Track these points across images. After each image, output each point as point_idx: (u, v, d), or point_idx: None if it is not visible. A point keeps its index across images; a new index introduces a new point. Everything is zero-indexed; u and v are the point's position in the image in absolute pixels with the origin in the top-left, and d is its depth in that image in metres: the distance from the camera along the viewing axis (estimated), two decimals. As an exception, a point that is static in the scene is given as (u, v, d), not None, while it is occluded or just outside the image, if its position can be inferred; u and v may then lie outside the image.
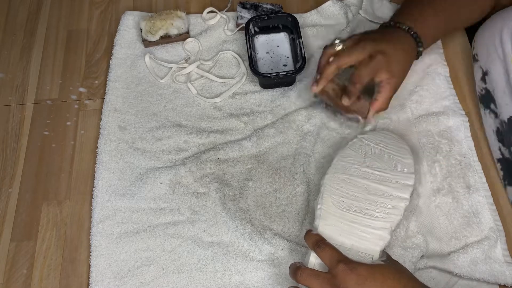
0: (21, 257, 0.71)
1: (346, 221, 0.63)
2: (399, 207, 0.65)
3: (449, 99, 0.80)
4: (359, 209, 0.64)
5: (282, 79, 0.81)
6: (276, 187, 0.74)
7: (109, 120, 0.80)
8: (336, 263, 0.57)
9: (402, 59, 0.71)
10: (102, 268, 0.69)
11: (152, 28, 0.85)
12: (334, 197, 0.65)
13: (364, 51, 0.69)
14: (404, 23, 0.73)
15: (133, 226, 0.72)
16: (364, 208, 0.64)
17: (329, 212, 0.64)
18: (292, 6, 0.93)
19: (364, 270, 0.56)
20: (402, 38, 0.72)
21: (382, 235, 0.63)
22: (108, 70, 0.86)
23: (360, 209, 0.64)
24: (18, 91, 0.85)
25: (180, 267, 0.69)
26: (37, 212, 0.74)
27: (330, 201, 0.65)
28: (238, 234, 0.70)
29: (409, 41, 0.72)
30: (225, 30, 0.89)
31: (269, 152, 0.77)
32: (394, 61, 0.69)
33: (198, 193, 0.74)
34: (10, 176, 0.77)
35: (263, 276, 0.68)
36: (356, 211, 0.64)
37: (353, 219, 0.64)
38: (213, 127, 0.80)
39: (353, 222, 0.63)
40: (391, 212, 0.64)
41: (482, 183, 0.73)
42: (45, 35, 0.91)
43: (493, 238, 0.69)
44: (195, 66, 0.85)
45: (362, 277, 0.56)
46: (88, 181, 0.76)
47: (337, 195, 0.65)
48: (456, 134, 0.77)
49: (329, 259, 0.59)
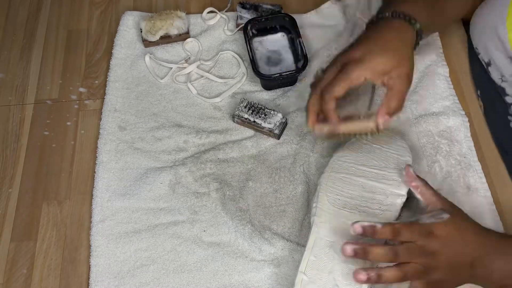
0: (21, 257, 0.71)
1: (341, 218, 0.64)
2: (395, 203, 0.65)
3: (449, 99, 0.80)
4: (354, 207, 0.64)
5: (285, 79, 0.82)
6: (276, 187, 0.74)
7: (109, 120, 0.80)
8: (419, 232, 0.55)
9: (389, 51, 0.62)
10: (102, 268, 0.69)
11: (152, 28, 0.85)
12: (329, 195, 0.65)
13: (335, 64, 0.64)
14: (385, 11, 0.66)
15: (133, 226, 0.72)
16: (359, 205, 0.64)
17: (324, 210, 0.65)
18: (291, 6, 0.93)
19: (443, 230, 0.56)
20: (386, 27, 0.65)
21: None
22: (108, 70, 0.86)
23: (356, 207, 0.64)
24: (18, 91, 0.85)
25: (180, 267, 0.69)
26: (37, 212, 0.74)
27: (325, 199, 0.65)
28: (238, 234, 0.70)
29: (397, 25, 0.64)
30: (225, 30, 0.90)
31: (269, 152, 0.77)
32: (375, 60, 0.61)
33: (198, 193, 0.74)
34: (10, 176, 0.77)
35: (263, 276, 0.68)
36: (351, 208, 0.64)
37: (348, 216, 0.64)
38: (213, 127, 0.80)
39: (348, 219, 0.63)
40: (387, 208, 0.64)
41: (482, 183, 0.73)
42: (45, 35, 0.91)
43: (493, 238, 0.69)
44: (195, 66, 0.85)
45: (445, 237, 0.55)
46: (88, 181, 0.76)
47: (332, 193, 0.66)
48: (456, 134, 0.77)
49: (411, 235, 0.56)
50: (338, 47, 0.86)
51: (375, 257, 0.56)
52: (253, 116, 0.77)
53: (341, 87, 0.62)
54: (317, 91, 0.64)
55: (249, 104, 0.78)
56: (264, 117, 0.77)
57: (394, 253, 0.55)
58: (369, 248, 0.56)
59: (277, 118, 0.77)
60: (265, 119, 0.77)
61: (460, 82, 0.83)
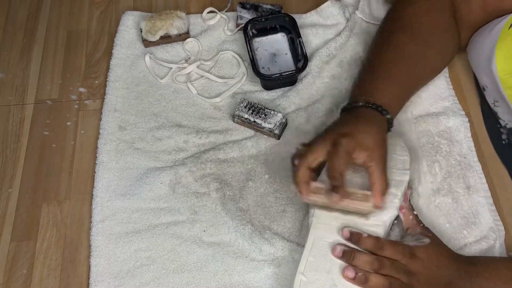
0: (21, 257, 0.71)
1: (339, 219, 0.64)
2: (393, 203, 0.65)
3: (448, 100, 0.80)
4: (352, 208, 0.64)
5: (286, 79, 0.82)
6: (276, 187, 0.74)
7: (109, 120, 0.80)
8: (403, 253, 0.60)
9: (369, 131, 0.65)
10: (102, 268, 0.69)
11: (152, 28, 0.85)
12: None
13: (325, 141, 0.64)
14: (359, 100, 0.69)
15: (133, 226, 0.72)
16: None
17: (322, 211, 0.65)
18: (291, 6, 0.93)
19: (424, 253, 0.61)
20: (361, 113, 0.68)
21: (375, 231, 0.63)
22: (108, 70, 0.86)
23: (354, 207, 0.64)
24: (18, 91, 0.85)
25: (180, 267, 0.69)
26: (37, 212, 0.74)
27: None
28: (238, 234, 0.70)
29: (370, 113, 0.68)
30: (225, 30, 0.90)
31: (269, 152, 0.77)
32: (361, 136, 0.63)
33: (198, 193, 0.74)
34: (10, 176, 0.77)
35: (263, 276, 0.68)
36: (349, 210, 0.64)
37: (346, 217, 0.64)
38: (213, 127, 0.80)
39: (345, 220, 0.64)
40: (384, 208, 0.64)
41: (482, 183, 0.73)
42: (45, 35, 0.91)
43: (492, 238, 0.69)
44: (195, 66, 0.85)
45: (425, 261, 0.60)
46: (88, 181, 0.76)
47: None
48: (456, 135, 0.77)
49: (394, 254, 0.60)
50: (338, 47, 0.86)
51: (360, 263, 0.60)
52: (253, 116, 0.77)
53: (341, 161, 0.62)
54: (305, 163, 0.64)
55: (249, 104, 0.78)
56: (264, 117, 0.77)
57: (379, 264, 0.60)
58: (357, 253, 0.60)
59: (277, 118, 0.77)
60: (265, 119, 0.77)
61: (460, 82, 0.83)
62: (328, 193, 0.62)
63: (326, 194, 0.62)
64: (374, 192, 0.62)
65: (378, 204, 0.62)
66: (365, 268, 0.60)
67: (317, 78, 0.84)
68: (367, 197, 0.63)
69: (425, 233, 0.64)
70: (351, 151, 0.63)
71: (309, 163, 0.64)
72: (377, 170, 0.62)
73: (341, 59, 0.86)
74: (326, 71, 0.84)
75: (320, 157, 0.64)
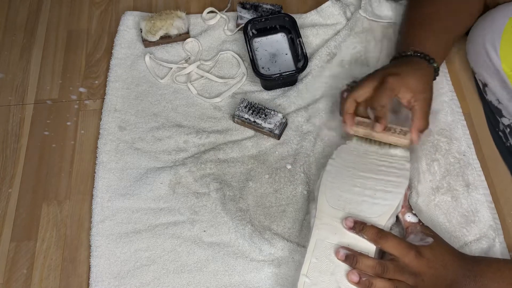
0: (21, 257, 0.71)
1: (341, 220, 0.64)
2: (393, 204, 0.65)
3: (447, 95, 0.81)
4: (353, 208, 0.64)
5: (286, 79, 0.82)
6: (276, 187, 0.74)
7: (109, 120, 0.80)
8: (407, 251, 0.59)
9: (416, 75, 0.69)
10: (102, 268, 0.69)
11: (152, 28, 0.85)
12: (328, 196, 0.65)
13: (374, 78, 0.70)
14: (407, 50, 0.74)
15: (133, 226, 0.72)
16: (358, 206, 0.64)
17: (323, 211, 0.64)
18: (291, 6, 0.93)
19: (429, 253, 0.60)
20: (410, 60, 0.72)
21: None
22: (108, 70, 0.86)
23: (355, 208, 0.64)
24: (18, 91, 0.85)
25: (180, 267, 0.69)
26: (37, 212, 0.74)
27: (324, 199, 0.65)
28: (238, 234, 0.70)
29: (418, 61, 0.72)
30: (225, 30, 0.90)
31: (269, 152, 0.77)
32: (408, 78, 0.69)
33: (198, 193, 0.74)
34: (10, 176, 0.77)
35: (263, 276, 0.68)
36: (350, 209, 0.64)
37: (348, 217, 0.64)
38: (213, 127, 0.80)
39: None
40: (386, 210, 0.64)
41: (481, 181, 0.74)
42: (45, 35, 0.91)
43: (492, 236, 0.69)
44: (195, 66, 0.85)
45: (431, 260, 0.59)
46: (88, 181, 0.76)
47: (331, 194, 0.66)
48: (455, 132, 0.77)
49: (396, 249, 0.59)
50: (338, 45, 0.86)
51: (363, 267, 0.59)
52: (253, 116, 0.77)
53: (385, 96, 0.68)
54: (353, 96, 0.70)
55: (249, 104, 0.78)
56: (264, 117, 0.77)
57: (383, 268, 0.59)
58: (360, 257, 0.60)
59: (277, 118, 0.77)
60: (265, 119, 0.77)
61: (460, 80, 0.83)
62: (371, 124, 0.68)
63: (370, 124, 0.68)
64: (414, 128, 0.68)
65: (415, 139, 0.68)
66: (368, 273, 0.59)
67: (317, 78, 0.84)
68: (405, 132, 0.69)
69: (425, 232, 0.64)
70: (397, 90, 0.68)
71: (357, 97, 0.70)
72: (420, 111, 0.68)
73: (341, 58, 0.86)
74: (327, 71, 0.84)
75: (367, 92, 0.69)
